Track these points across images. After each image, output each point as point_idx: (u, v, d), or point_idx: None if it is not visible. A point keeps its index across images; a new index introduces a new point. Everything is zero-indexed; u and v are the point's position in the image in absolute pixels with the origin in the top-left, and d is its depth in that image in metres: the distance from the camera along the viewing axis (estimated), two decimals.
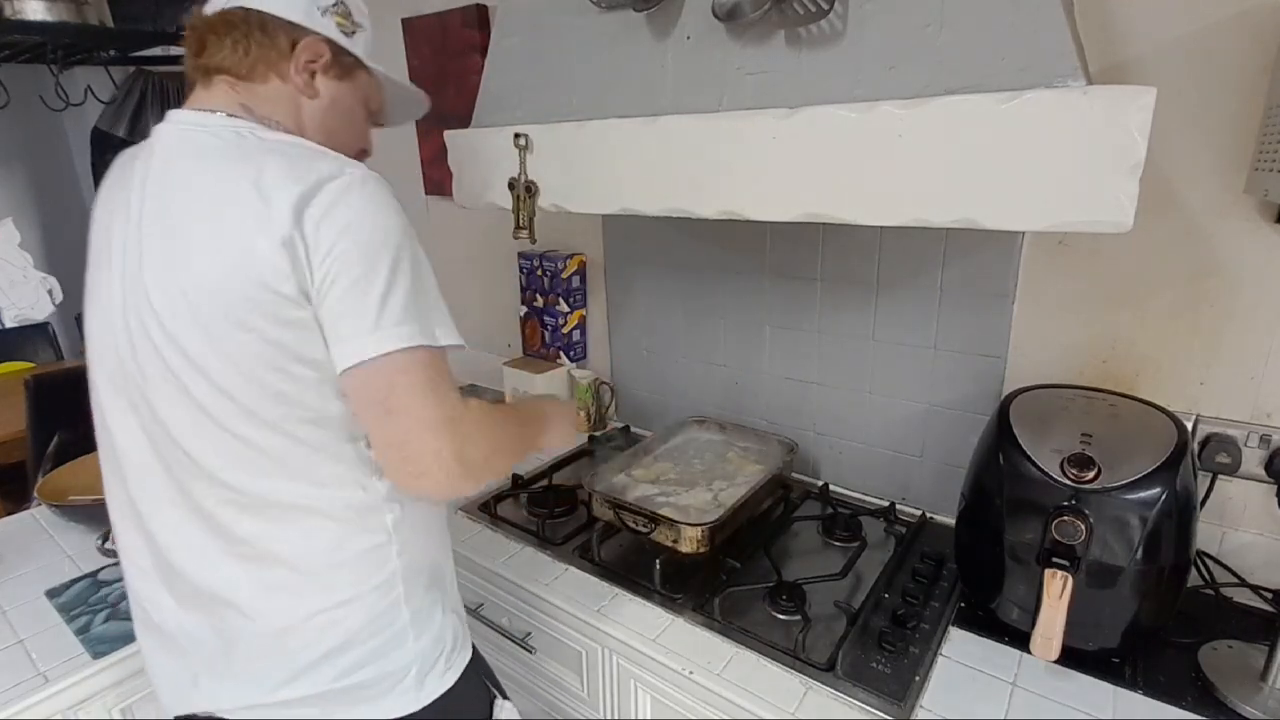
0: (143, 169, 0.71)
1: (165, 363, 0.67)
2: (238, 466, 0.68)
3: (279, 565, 0.70)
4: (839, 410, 1.36)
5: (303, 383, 0.67)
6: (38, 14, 1.66)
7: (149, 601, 0.77)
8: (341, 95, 0.81)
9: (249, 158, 0.67)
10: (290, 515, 0.70)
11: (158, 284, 0.67)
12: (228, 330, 0.65)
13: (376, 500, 0.73)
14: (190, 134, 0.71)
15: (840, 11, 0.81)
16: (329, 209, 0.64)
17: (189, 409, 0.67)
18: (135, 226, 0.69)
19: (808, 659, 0.92)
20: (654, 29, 0.97)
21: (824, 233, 1.29)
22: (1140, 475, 0.83)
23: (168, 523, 0.72)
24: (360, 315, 0.65)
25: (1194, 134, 0.93)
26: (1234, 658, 0.88)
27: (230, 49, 0.74)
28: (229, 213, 0.65)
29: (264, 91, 0.75)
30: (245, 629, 0.71)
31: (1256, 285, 0.94)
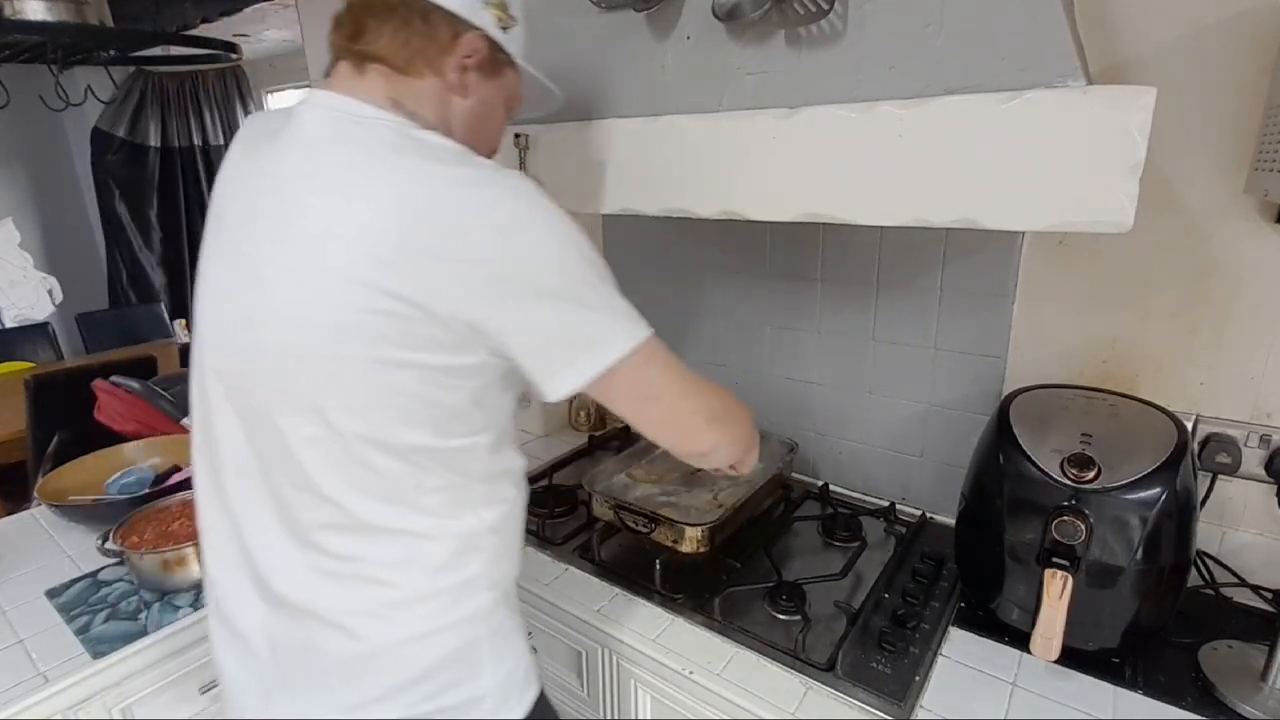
0: (285, 153, 0.66)
1: (300, 370, 0.63)
2: (353, 487, 0.65)
3: (378, 587, 0.68)
4: (839, 410, 1.36)
5: (442, 411, 0.65)
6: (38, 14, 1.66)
7: (232, 593, 0.74)
8: (489, 94, 0.76)
9: (409, 164, 0.62)
10: (397, 540, 0.68)
11: (301, 286, 0.62)
12: (376, 350, 0.61)
13: (480, 530, 0.72)
14: (343, 125, 0.66)
15: (840, 11, 0.81)
16: (505, 241, 0.61)
17: (315, 422, 0.64)
18: (271, 219, 0.65)
19: (808, 659, 0.92)
20: (654, 29, 0.97)
21: (824, 233, 1.29)
22: (1140, 475, 0.83)
23: (259, 525, 0.70)
24: (585, 334, 0.65)
25: (1194, 134, 0.93)
26: (1234, 658, 0.88)
27: (390, 37, 0.68)
28: (393, 227, 0.59)
29: (418, 86, 0.70)
30: (335, 647, 0.69)
31: (1256, 285, 0.94)
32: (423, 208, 0.60)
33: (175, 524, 1.15)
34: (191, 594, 1.07)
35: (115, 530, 1.12)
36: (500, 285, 0.61)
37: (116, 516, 1.16)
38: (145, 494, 1.27)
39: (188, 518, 1.17)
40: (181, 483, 1.30)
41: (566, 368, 0.65)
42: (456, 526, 0.70)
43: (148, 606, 1.05)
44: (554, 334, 0.64)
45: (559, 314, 0.64)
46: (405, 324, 0.60)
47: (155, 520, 1.16)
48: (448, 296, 0.60)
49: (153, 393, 1.73)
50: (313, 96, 0.69)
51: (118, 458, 1.42)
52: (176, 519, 1.16)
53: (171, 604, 1.05)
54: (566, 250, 0.64)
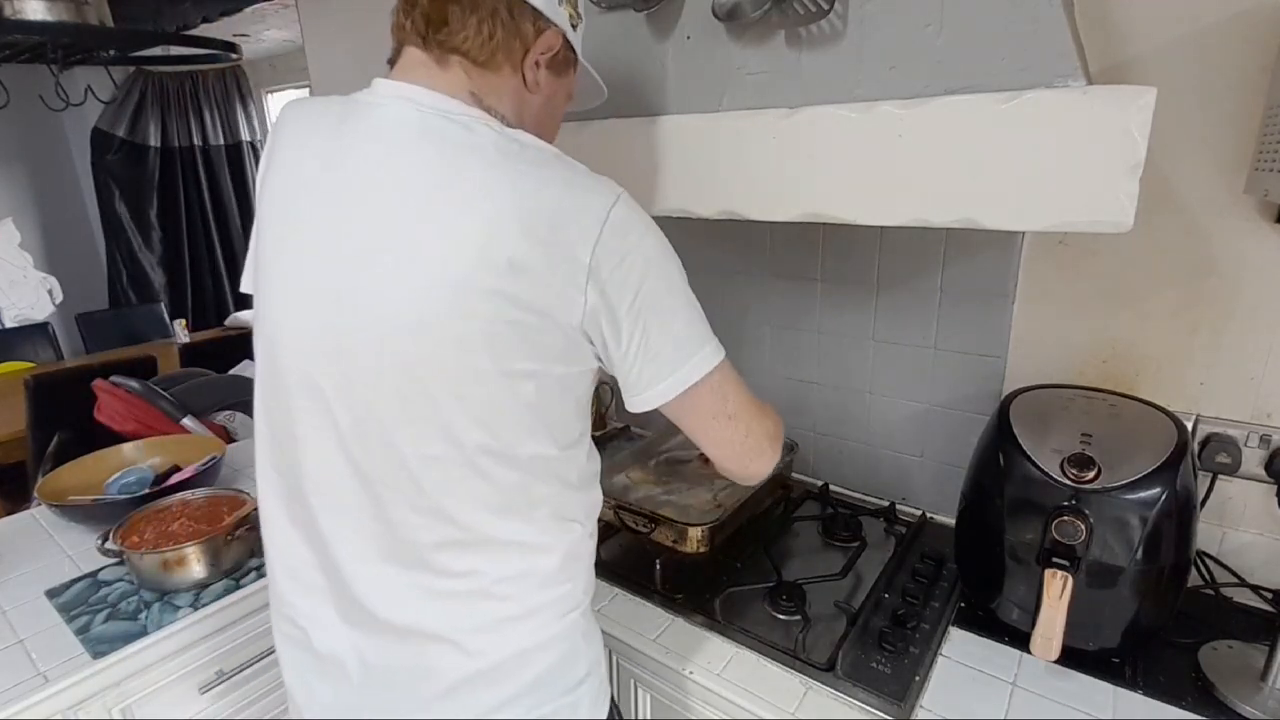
0: (372, 142, 0.62)
1: (422, 384, 0.61)
2: (473, 503, 0.65)
3: (494, 602, 0.68)
4: (839, 410, 1.36)
5: (556, 419, 0.66)
6: (38, 14, 1.67)
7: (309, 620, 0.72)
8: (555, 91, 0.75)
9: (517, 169, 0.60)
10: (511, 553, 0.67)
11: (420, 296, 0.59)
12: (505, 362, 0.60)
13: (581, 539, 0.73)
14: (434, 121, 0.62)
15: (840, 11, 0.81)
16: (625, 248, 0.60)
17: (438, 438, 0.62)
18: (363, 219, 0.61)
19: (808, 659, 0.92)
20: (654, 29, 0.97)
21: (824, 233, 1.29)
22: (1140, 475, 0.83)
23: (354, 549, 0.68)
24: (674, 349, 0.65)
25: (1194, 134, 0.93)
26: (1234, 658, 0.88)
27: (475, 29, 0.65)
28: (511, 235, 0.57)
29: (496, 81, 0.68)
30: (449, 666, 0.68)
31: (1256, 285, 0.94)
32: (543, 214, 0.58)
33: (175, 524, 1.15)
34: (191, 594, 1.07)
35: (115, 530, 1.12)
36: (616, 294, 0.61)
37: (116, 516, 1.16)
38: (145, 494, 1.27)
39: (188, 517, 1.17)
40: (181, 483, 1.30)
41: (659, 380, 0.65)
42: (564, 536, 0.71)
43: (148, 606, 1.05)
44: (655, 346, 0.64)
45: (663, 326, 0.64)
46: (529, 333, 0.60)
47: (155, 520, 1.16)
48: (571, 303, 0.60)
49: (153, 393, 1.73)
50: (390, 88, 0.65)
51: (118, 458, 1.42)
52: (176, 519, 1.16)
53: (171, 604, 1.05)
54: (672, 263, 0.65)
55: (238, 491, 1.24)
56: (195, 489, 1.25)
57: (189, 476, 1.32)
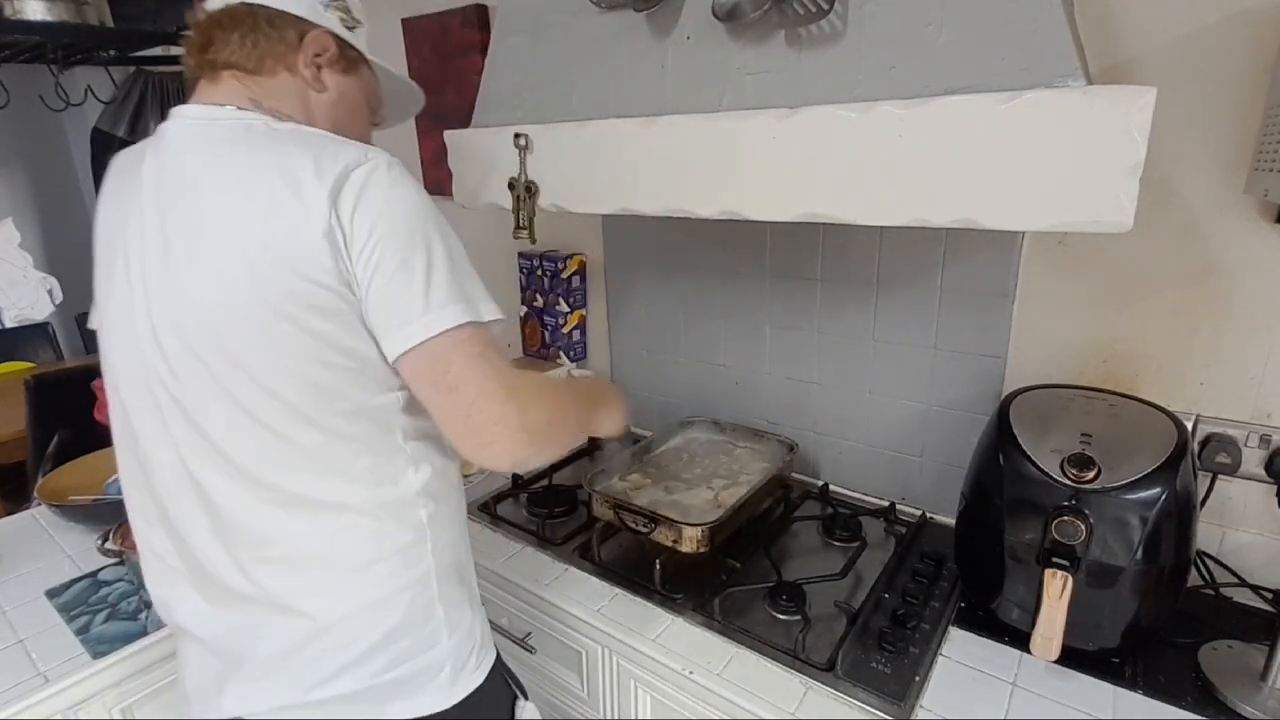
0: (153, 169, 0.70)
1: (202, 363, 0.66)
2: (276, 464, 0.68)
3: (317, 564, 0.70)
4: (839, 410, 1.36)
5: (342, 373, 0.67)
6: (38, 14, 1.66)
7: (176, 601, 0.76)
8: (347, 89, 0.81)
9: (268, 148, 0.67)
10: (328, 513, 0.70)
11: (187, 283, 0.66)
12: (267, 323, 0.64)
13: (411, 495, 0.73)
14: (200, 129, 0.71)
15: (840, 11, 0.81)
16: (361, 195, 0.64)
17: (227, 407, 0.67)
18: (155, 229, 0.68)
19: (808, 659, 0.92)
20: (654, 29, 0.97)
21: (824, 233, 1.29)
22: (1140, 475, 0.83)
23: (197, 526, 0.72)
24: (409, 299, 0.65)
25: (1194, 134, 0.93)
26: (1234, 658, 0.88)
27: (238, 43, 0.73)
28: (257, 205, 0.64)
29: (273, 85, 0.75)
30: (283, 629, 0.71)
31: (1256, 285, 0.94)
32: (296, 174, 0.64)
33: None
34: None
35: (115, 530, 1.12)
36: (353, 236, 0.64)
37: (116, 516, 1.16)
38: None
39: None
40: None
41: (396, 329, 0.66)
42: (390, 490, 0.72)
43: (148, 606, 1.05)
44: (391, 293, 0.65)
45: (402, 274, 0.65)
46: (300, 295, 0.64)
47: None
48: (320, 255, 0.63)
49: None
50: (174, 112, 0.73)
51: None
52: None
53: None
54: (421, 218, 0.68)
55: None
56: None
57: None
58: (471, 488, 1.44)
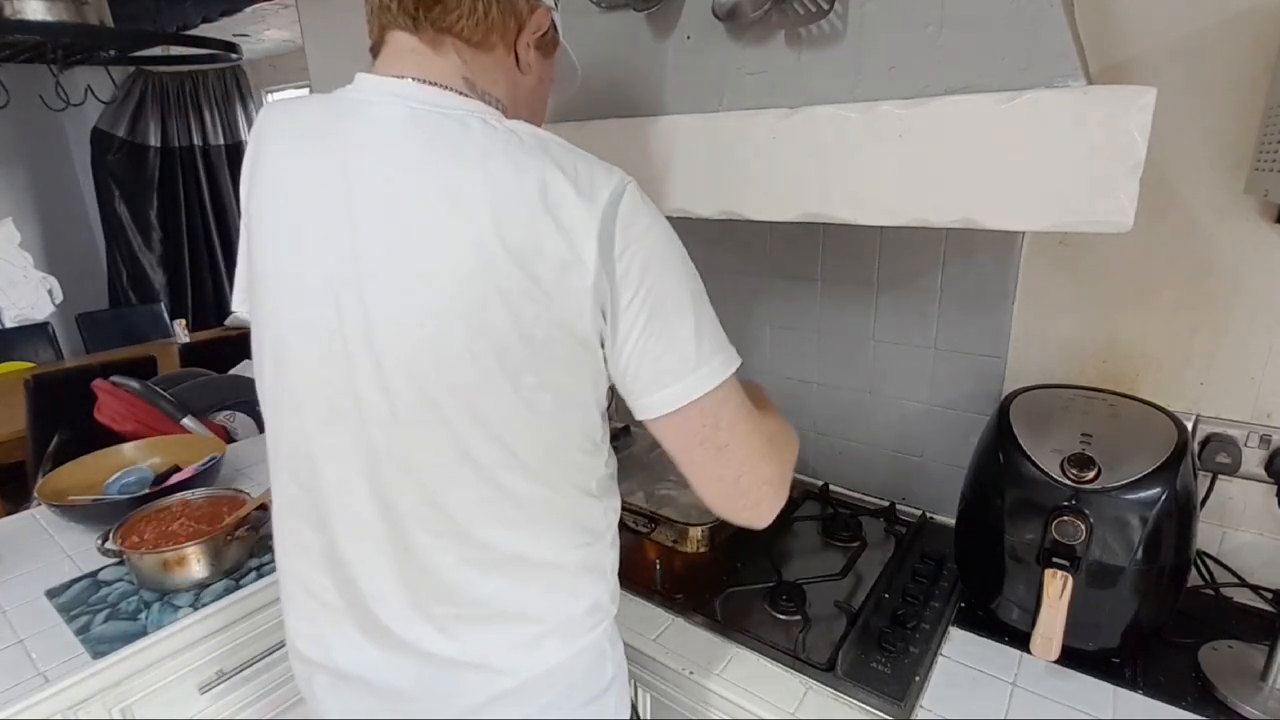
0: (362, 144, 0.59)
1: (432, 404, 0.58)
2: (495, 521, 0.63)
3: (523, 621, 0.66)
4: (839, 410, 1.36)
5: (580, 431, 0.63)
6: (38, 14, 1.67)
7: (334, 640, 0.69)
8: (545, 72, 0.73)
9: (521, 163, 0.57)
10: (537, 571, 0.66)
11: (418, 309, 0.57)
12: (515, 377, 0.57)
13: (604, 550, 0.71)
14: (427, 117, 0.59)
15: (840, 11, 0.81)
16: (630, 239, 0.57)
17: (452, 455, 0.60)
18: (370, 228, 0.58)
19: (808, 659, 0.92)
20: (654, 29, 0.97)
21: (824, 233, 1.29)
22: (1140, 475, 0.83)
23: (378, 572, 0.65)
24: (681, 353, 0.59)
25: (1194, 134, 0.93)
26: (1234, 658, 0.88)
27: (470, 7, 0.61)
28: (518, 234, 0.55)
29: (488, 62, 0.65)
30: (479, 685, 0.67)
31: (1256, 285, 0.94)
32: (544, 208, 0.55)
33: (175, 524, 1.15)
34: (191, 594, 1.07)
35: (115, 530, 1.12)
36: (620, 286, 0.57)
37: (116, 516, 1.16)
38: (145, 494, 1.27)
39: (188, 518, 1.17)
40: (181, 483, 1.30)
41: (660, 387, 0.60)
42: (588, 548, 0.69)
43: (148, 606, 1.05)
44: (658, 348, 0.59)
45: (667, 328, 0.59)
46: (540, 345, 0.57)
47: (155, 520, 1.16)
48: (578, 303, 0.56)
49: (153, 393, 1.73)
50: (378, 83, 0.62)
51: (118, 458, 1.42)
52: (176, 519, 1.16)
53: (171, 604, 1.05)
54: (681, 260, 0.61)
55: (237, 491, 1.24)
56: (195, 489, 1.25)
57: (189, 476, 1.32)
58: None
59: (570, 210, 0.56)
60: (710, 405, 0.61)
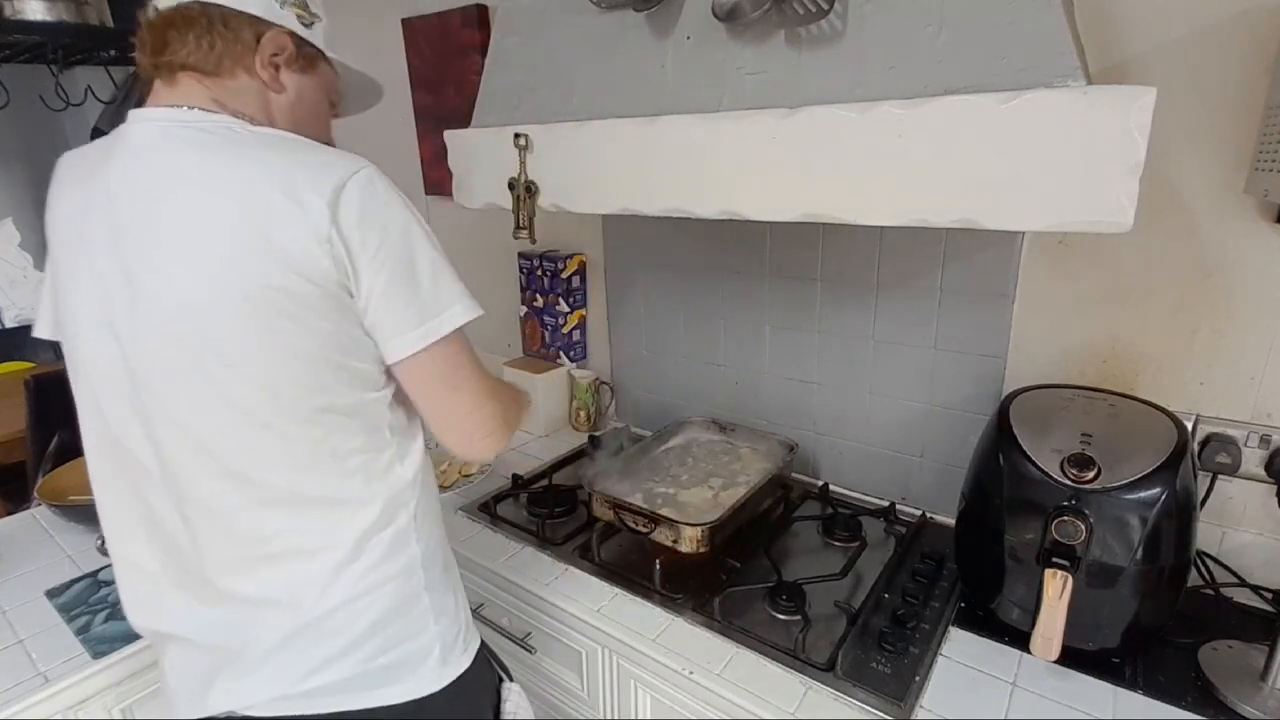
0: (122, 170, 0.68)
1: (196, 366, 0.66)
2: (271, 464, 0.69)
3: (307, 558, 0.71)
4: (839, 410, 1.36)
5: (340, 372, 0.69)
6: (38, 14, 1.67)
7: (160, 610, 0.76)
8: (306, 88, 0.80)
9: (253, 153, 0.67)
10: (320, 508, 0.71)
11: (176, 287, 0.65)
12: (268, 321, 0.64)
13: (400, 488, 0.75)
14: (174, 130, 0.69)
15: (840, 11, 0.81)
16: (361, 207, 0.66)
17: (220, 409, 0.67)
18: (131, 233, 0.67)
19: (808, 659, 0.92)
20: (654, 29, 0.97)
21: (824, 233, 1.29)
22: (1140, 475, 0.83)
23: (184, 529, 0.72)
24: (414, 305, 0.69)
25: (1194, 134, 0.93)
26: (1234, 658, 0.88)
27: (194, 44, 0.71)
28: (250, 208, 0.64)
29: (233, 87, 0.73)
30: (272, 622, 0.71)
31: (1256, 285, 0.94)
32: (286, 185, 0.64)
33: None
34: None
35: None
36: (358, 247, 0.66)
37: None
38: None
39: None
40: None
41: (405, 329, 0.69)
42: (381, 484, 0.73)
43: None
44: (400, 296, 0.68)
45: (408, 279, 0.68)
46: (292, 296, 0.64)
47: None
48: (318, 260, 0.64)
49: None
50: (134, 115, 0.71)
51: None
52: None
53: None
54: (415, 225, 0.70)
55: None
56: None
57: None
58: (471, 488, 1.44)
59: (302, 185, 0.64)
60: (446, 350, 0.71)
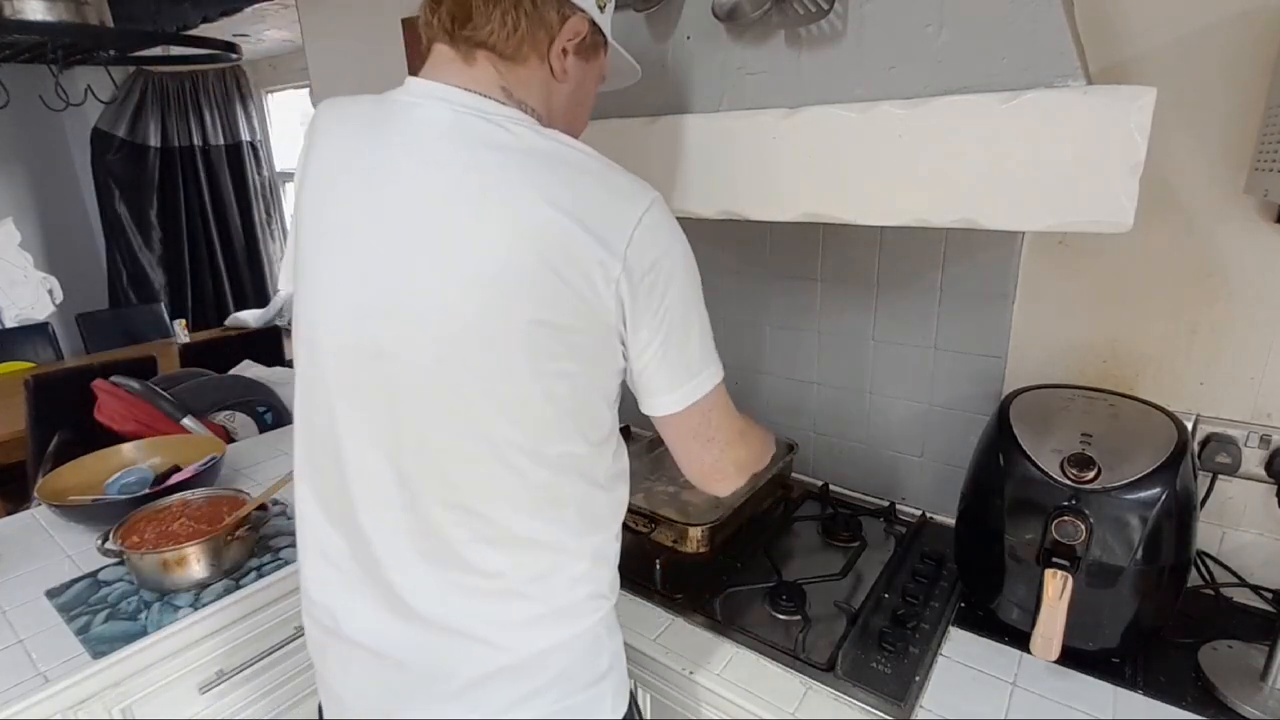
0: (406, 142, 0.63)
1: (452, 381, 0.62)
2: (503, 500, 0.66)
3: (524, 601, 0.69)
4: (839, 410, 1.36)
5: (590, 421, 0.67)
6: (38, 14, 1.66)
7: (346, 611, 0.73)
8: (585, 77, 0.73)
9: (554, 169, 0.62)
10: (543, 553, 0.69)
11: (447, 290, 0.61)
12: (530, 354, 0.61)
13: (609, 540, 0.75)
14: (469, 119, 0.63)
15: (840, 11, 0.81)
16: (653, 254, 0.62)
17: (466, 431, 0.64)
18: (401, 217, 0.62)
19: (808, 659, 0.92)
20: (654, 29, 0.97)
21: (824, 233, 1.29)
22: (1140, 475, 0.83)
23: (396, 543, 0.68)
24: (682, 363, 0.67)
25: (1194, 134, 0.93)
26: (1234, 658, 0.88)
27: (500, 22, 0.64)
28: (549, 235, 0.59)
29: (523, 73, 0.67)
30: (480, 658, 0.69)
31: (1256, 285, 0.94)
32: (577, 216, 0.59)
33: (175, 524, 1.15)
34: (191, 594, 1.07)
35: (115, 530, 1.12)
36: (645, 297, 0.63)
37: (116, 516, 1.16)
38: (145, 494, 1.27)
39: (188, 517, 1.17)
40: (181, 483, 1.30)
41: (671, 389, 0.68)
42: (592, 537, 0.72)
43: (148, 606, 1.05)
44: (672, 355, 0.66)
45: (683, 336, 0.67)
46: (563, 334, 0.61)
47: (155, 520, 1.16)
48: (604, 304, 0.61)
49: (153, 393, 1.73)
50: (424, 87, 0.66)
51: (118, 458, 1.42)
52: (177, 519, 1.16)
53: (171, 604, 1.05)
54: (694, 275, 0.68)
55: (238, 491, 1.24)
56: (195, 489, 1.25)
57: (189, 476, 1.32)
58: None
59: (600, 219, 0.60)
60: (705, 405, 0.70)
